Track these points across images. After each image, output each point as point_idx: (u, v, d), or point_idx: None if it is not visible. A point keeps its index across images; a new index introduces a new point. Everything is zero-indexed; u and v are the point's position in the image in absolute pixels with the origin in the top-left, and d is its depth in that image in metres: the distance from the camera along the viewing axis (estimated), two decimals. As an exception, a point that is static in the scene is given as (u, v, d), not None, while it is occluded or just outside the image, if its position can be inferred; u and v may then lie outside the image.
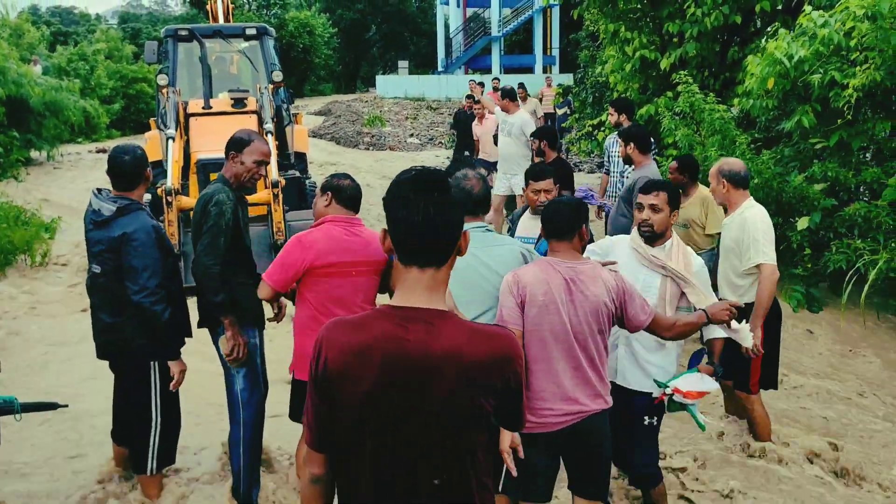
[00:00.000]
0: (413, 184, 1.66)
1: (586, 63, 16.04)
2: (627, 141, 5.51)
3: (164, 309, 3.31)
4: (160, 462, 3.54)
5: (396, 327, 1.64)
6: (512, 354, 1.68)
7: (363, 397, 1.64)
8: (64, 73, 18.24)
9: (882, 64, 6.09)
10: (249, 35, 9.09)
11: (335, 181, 3.46)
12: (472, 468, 1.69)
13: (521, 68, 33.52)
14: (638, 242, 3.44)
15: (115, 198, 3.37)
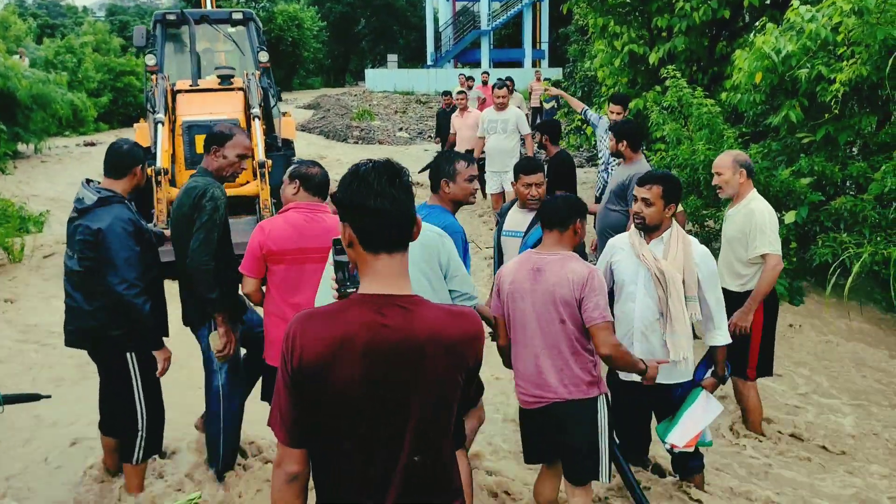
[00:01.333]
0: (377, 173, 1.72)
1: (575, 57, 16.12)
2: (620, 138, 5.54)
3: (145, 301, 3.30)
4: (147, 452, 3.55)
5: (374, 314, 1.68)
6: (480, 332, 1.81)
7: (347, 386, 1.67)
8: (51, 66, 18.08)
9: (868, 59, 6.15)
10: (236, 20, 9.28)
11: (303, 169, 3.51)
12: (447, 440, 1.80)
13: (510, 62, 33.53)
14: (634, 237, 3.48)
15: (99, 188, 3.38)
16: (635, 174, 5.16)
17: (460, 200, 3.55)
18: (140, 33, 9.32)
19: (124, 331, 3.37)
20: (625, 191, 5.20)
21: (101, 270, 3.27)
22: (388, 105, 25.95)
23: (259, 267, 3.43)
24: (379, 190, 1.70)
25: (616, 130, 5.68)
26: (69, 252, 3.40)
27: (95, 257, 3.27)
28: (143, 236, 3.40)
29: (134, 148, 3.45)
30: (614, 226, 5.28)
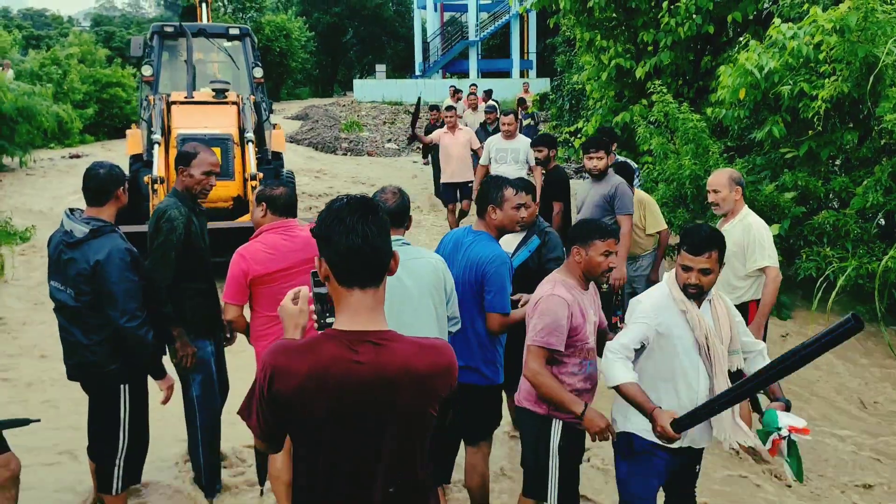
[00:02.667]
0: (349, 209, 1.75)
1: (563, 68, 16.21)
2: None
3: (147, 331, 3.32)
4: (125, 482, 3.53)
5: (346, 351, 1.71)
6: (453, 364, 1.82)
7: (318, 420, 1.72)
8: (37, 78, 17.99)
9: (849, 76, 6.25)
10: (233, 35, 9.44)
11: (268, 192, 3.59)
12: (421, 470, 1.82)
13: (498, 72, 33.68)
14: (680, 298, 2.97)
15: (87, 219, 3.32)
16: (619, 183, 5.38)
17: (506, 228, 3.51)
18: (137, 43, 9.57)
19: (120, 364, 3.37)
20: (612, 202, 5.34)
21: (100, 303, 3.25)
22: (376, 115, 25.96)
23: (243, 294, 3.46)
24: (351, 226, 1.72)
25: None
26: (59, 285, 3.34)
27: (93, 291, 3.25)
28: (140, 265, 3.39)
29: (111, 171, 3.40)
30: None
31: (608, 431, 3.00)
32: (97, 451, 3.58)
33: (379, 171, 15.51)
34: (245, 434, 4.20)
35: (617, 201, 5.32)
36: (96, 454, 3.60)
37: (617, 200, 5.32)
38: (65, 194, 11.85)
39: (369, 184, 13.61)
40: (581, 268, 3.12)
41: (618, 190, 5.34)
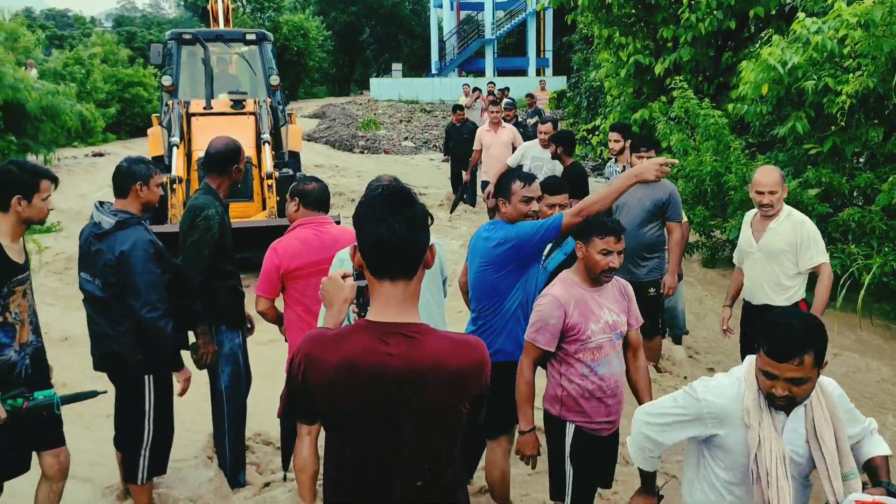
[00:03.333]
0: (381, 200, 1.72)
1: (580, 66, 16.16)
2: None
3: (167, 323, 3.35)
4: (150, 472, 3.57)
5: (378, 342, 1.70)
6: (484, 360, 1.78)
7: (347, 410, 1.72)
8: (60, 78, 18.20)
9: (875, 71, 6.17)
10: (249, 40, 9.53)
11: (301, 186, 3.67)
12: (450, 467, 1.79)
13: (514, 71, 33.64)
14: (753, 408, 2.26)
15: (114, 211, 3.39)
16: (673, 189, 5.18)
17: (516, 221, 3.43)
18: (157, 51, 9.67)
19: (145, 355, 3.41)
20: (663, 210, 5.13)
21: (124, 294, 3.30)
22: (392, 114, 26.02)
23: (276, 287, 3.56)
24: (380, 217, 1.70)
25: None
26: (87, 276, 3.41)
27: (118, 281, 3.30)
28: (164, 258, 3.44)
29: (133, 166, 3.45)
30: (650, 246, 5.19)
31: (532, 460, 3.15)
32: (123, 441, 3.62)
33: (397, 168, 15.54)
34: (267, 423, 4.32)
35: (671, 208, 5.14)
36: (122, 444, 3.65)
37: (671, 207, 5.13)
38: (89, 192, 11.99)
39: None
40: (582, 265, 3.08)
41: (672, 196, 5.16)
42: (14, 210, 3.04)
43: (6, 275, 3.01)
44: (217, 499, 3.82)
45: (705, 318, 6.96)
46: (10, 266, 3.04)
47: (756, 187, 4.20)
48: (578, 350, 3.02)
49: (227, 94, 8.70)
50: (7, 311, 3.03)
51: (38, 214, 3.11)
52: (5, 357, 3.03)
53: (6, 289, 3.02)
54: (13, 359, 3.06)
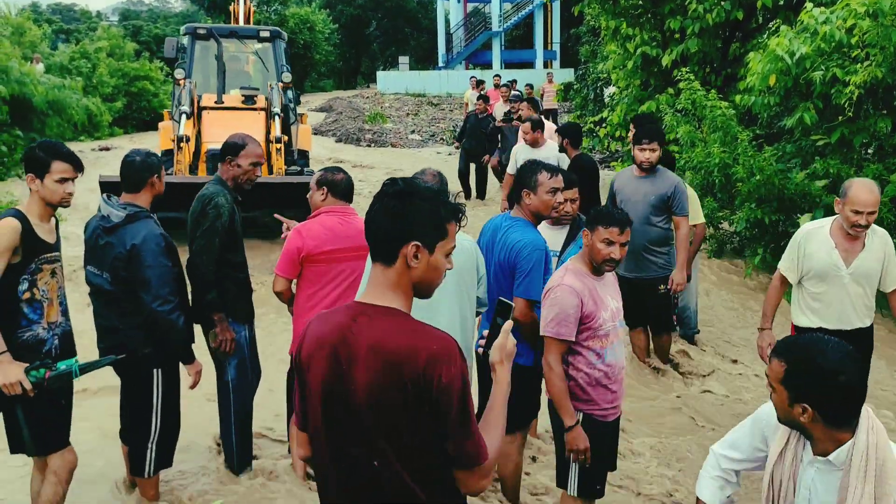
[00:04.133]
0: (385, 186, 1.82)
1: (587, 58, 16.07)
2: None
3: (179, 316, 3.36)
4: (157, 465, 3.56)
5: (348, 320, 1.77)
6: (440, 357, 1.68)
7: (316, 384, 1.79)
8: (66, 72, 18.25)
9: (883, 61, 6.11)
10: (263, 37, 9.62)
11: (329, 176, 3.73)
12: (401, 460, 1.72)
13: (521, 63, 33.52)
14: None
15: (123, 204, 3.37)
16: (678, 182, 5.06)
17: (542, 213, 3.47)
18: (171, 45, 9.75)
19: (154, 348, 3.41)
20: (668, 204, 5.03)
21: (135, 287, 3.29)
22: (399, 107, 25.98)
23: (294, 269, 3.64)
24: (372, 201, 1.81)
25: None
26: (94, 270, 3.40)
27: (129, 275, 3.30)
28: (173, 250, 3.43)
29: (147, 158, 3.45)
30: (657, 241, 5.10)
31: (585, 454, 3.02)
32: (130, 434, 3.63)
33: (404, 162, 15.53)
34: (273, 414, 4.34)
35: (676, 201, 5.01)
36: (129, 438, 3.65)
37: (676, 200, 5.01)
38: (96, 186, 12.01)
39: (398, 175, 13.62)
40: (587, 252, 3.09)
41: (677, 189, 5.02)
42: (30, 188, 3.07)
43: (34, 251, 3.03)
44: (223, 490, 3.81)
45: (712, 309, 6.93)
46: (39, 243, 3.05)
47: (854, 206, 3.54)
48: (589, 338, 3.04)
49: (239, 89, 8.79)
50: (35, 288, 3.04)
51: (50, 196, 3.06)
52: (34, 332, 3.06)
53: (34, 265, 3.03)
54: (42, 335, 3.08)
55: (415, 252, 1.75)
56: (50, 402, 3.10)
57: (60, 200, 3.10)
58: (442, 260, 1.81)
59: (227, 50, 9.45)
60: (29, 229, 3.02)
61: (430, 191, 1.81)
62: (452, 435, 1.71)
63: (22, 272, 3.01)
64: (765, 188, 6.98)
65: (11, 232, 2.96)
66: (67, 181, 3.09)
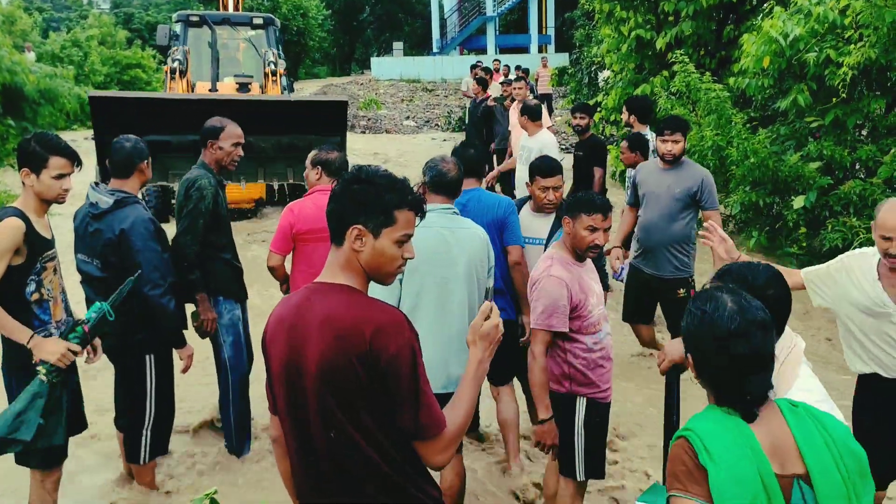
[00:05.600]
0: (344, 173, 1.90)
1: (582, 42, 16.02)
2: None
3: (170, 300, 3.35)
4: (152, 452, 3.57)
5: (305, 298, 1.83)
6: (387, 328, 1.71)
7: (277, 363, 1.84)
8: (58, 60, 18.13)
9: (877, 41, 6.11)
10: (256, 24, 9.56)
11: (324, 155, 3.79)
12: (359, 430, 1.74)
13: (516, 48, 33.35)
14: None
15: (112, 190, 3.35)
16: (705, 175, 4.71)
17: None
18: (163, 32, 9.76)
19: (147, 333, 3.40)
20: (696, 198, 4.64)
21: (125, 272, 3.24)
22: (394, 94, 25.88)
23: (287, 245, 3.73)
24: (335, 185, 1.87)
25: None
26: (85, 257, 3.39)
27: (118, 262, 3.28)
28: (162, 235, 3.43)
29: (136, 145, 3.43)
30: (680, 238, 4.70)
31: (552, 450, 3.09)
32: (125, 421, 3.63)
33: (399, 148, 15.50)
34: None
35: (705, 196, 4.61)
36: (124, 425, 3.66)
37: (705, 195, 4.62)
38: (88, 178, 11.97)
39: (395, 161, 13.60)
40: (569, 240, 3.06)
41: (705, 182, 4.63)
42: (24, 182, 2.94)
43: (36, 250, 2.94)
44: (221, 471, 3.83)
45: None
46: (40, 241, 2.94)
47: (883, 230, 2.83)
48: (582, 326, 3.04)
49: (234, 77, 8.73)
50: (42, 288, 2.97)
51: (47, 192, 2.91)
52: (48, 333, 2.98)
53: (39, 264, 2.95)
54: (54, 335, 3.00)
55: (356, 234, 1.78)
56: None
57: (57, 197, 2.95)
58: (390, 246, 1.80)
59: (220, 36, 9.39)
60: (31, 228, 2.91)
61: (384, 178, 1.82)
62: (405, 406, 1.73)
63: (28, 273, 2.92)
64: (759, 171, 6.99)
65: (14, 232, 2.85)
66: (65, 177, 2.94)
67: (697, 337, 1.56)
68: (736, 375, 1.54)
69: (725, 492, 1.44)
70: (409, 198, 1.83)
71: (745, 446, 1.49)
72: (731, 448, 1.48)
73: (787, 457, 1.54)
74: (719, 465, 1.46)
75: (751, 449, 1.49)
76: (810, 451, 1.54)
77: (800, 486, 1.53)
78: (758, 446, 1.50)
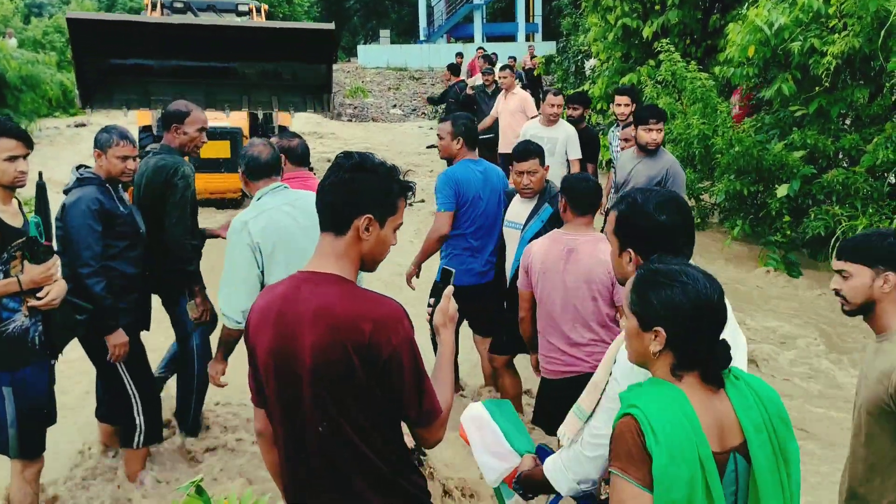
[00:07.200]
0: (336, 160, 1.84)
1: (569, 31, 16.00)
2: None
3: (97, 283, 3.22)
4: (147, 438, 3.52)
5: (292, 288, 1.79)
6: (385, 319, 1.71)
7: (264, 354, 1.80)
8: (40, 46, 17.88)
9: (861, 31, 6.15)
10: (242, 11, 9.42)
11: (286, 143, 3.71)
12: (351, 424, 1.74)
13: (503, 36, 33.25)
14: None
15: (83, 172, 3.35)
16: (672, 163, 4.73)
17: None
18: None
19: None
20: (663, 184, 4.61)
21: (66, 249, 3.22)
22: (381, 81, 25.74)
23: None
24: (327, 172, 1.82)
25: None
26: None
27: (63, 235, 3.23)
28: (115, 220, 3.32)
29: (98, 133, 3.40)
30: None
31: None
32: (111, 411, 3.60)
33: (386, 136, 15.45)
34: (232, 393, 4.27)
35: (669, 184, 4.61)
36: (110, 415, 3.63)
37: (669, 182, 4.62)
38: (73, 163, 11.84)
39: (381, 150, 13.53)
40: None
41: (670, 171, 4.67)
42: None
43: (3, 240, 2.84)
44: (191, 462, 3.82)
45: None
46: (6, 230, 2.85)
47: None
48: None
49: None
50: (8, 278, 2.87)
51: (1, 176, 2.84)
52: (17, 323, 2.91)
53: (6, 254, 2.86)
54: (25, 324, 2.93)
55: (367, 224, 1.77)
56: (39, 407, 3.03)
57: (13, 181, 2.87)
58: (390, 235, 1.84)
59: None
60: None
61: (383, 166, 1.82)
62: (410, 397, 1.75)
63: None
64: (744, 159, 7.03)
65: None
66: (17, 159, 2.86)
67: (678, 307, 1.58)
68: (711, 342, 1.60)
69: (666, 475, 1.47)
70: (404, 186, 1.85)
71: (688, 427, 1.53)
72: (675, 429, 1.51)
73: (727, 431, 1.59)
74: (663, 447, 1.49)
75: (692, 429, 1.53)
76: (749, 424, 1.60)
77: (735, 459, 1.59)
78: (699, 426, 1.54)
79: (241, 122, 7.92)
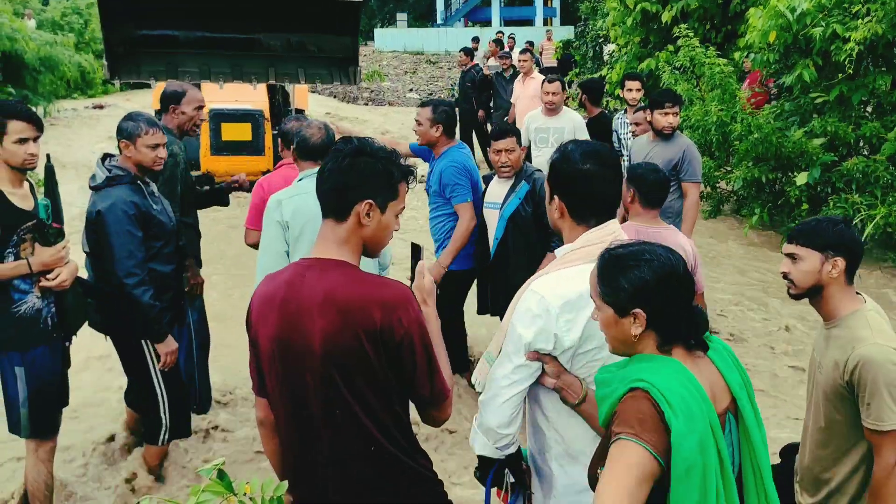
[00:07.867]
0: (335, 146, 1.85)
1: (587, 15, 15.82)
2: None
3: (144, 291, 3.13)
4: (172, 433, 3.46)
5: (297, 275, 1.78)
6: (395, 303, 1.71)
7: (269, 340, 1.79)
8: (58, 28, 17.96)
9: (884, 16, 6.04)
10: None
11: (286, 127, 3.80)
12: (364, 409, 1.74)
13: (521, 21, 33.00)
14: None
15: (111, 166, 3.23)
16: (687, 146, 4.66)
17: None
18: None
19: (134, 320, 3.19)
20: (677, 170, 4.58)
21: (103, 255, 3.14)
22: (397, 66, 25.66)
23: (261, 220, 3.58)
24: (327, 158, 1.82)
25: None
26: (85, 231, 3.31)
27: (97, 241, 3.14)
28: (153, 222, 3.23)
29: (122, 122, 3.27)
30: (665, 213, 4.47)
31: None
32: (138, 402, 3.58)
33: (402, 119, 15.41)
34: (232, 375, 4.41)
35: (686, 166, 4.56)
36: (138, 406, 3.62)
37: (686, 165, 4.56)
38: (90, 146, 11.93)
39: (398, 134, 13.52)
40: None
41: (686, 153, 4.59)
42: None
43: (14, 223, 2.81)
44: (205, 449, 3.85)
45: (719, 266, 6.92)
46: (16, 213, 2.83)
47: None
48: None
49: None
50: (19, 260, 2.85)
51: (11, 158, 2.82)
52: (29, 304, 2.90)
53: (16, 237, 2.84)
54: (38, 305, 2.91)
55: (367, 209, 1.76)
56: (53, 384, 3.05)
57: (23, 163, 2.85)
58: (392, 220, 1.83)
59: None
60: (3, 199, 2.81)
61: (383, 151, 1.82)
62: (423, 377, 1.76)
63: (6, 246, 2.83)
64: (762, 146, 6.95)
65: None
66: (28, 141, 2.83)
67: (650, 284, 1.60)
68: (688, 310, 1.65)
69: (683, 442, 1.48)
70: (404, 170, 1.85)
71: (696, 395, 1.55)
72: (687, 400, 1.53)
73: (719, 394, 1.64)
74: (681, 418, 1.50)
75: (700, 397, 1.55)
76: (735, 384, 1.67)
77: (729, 420, 1.66)
78: (702, 390, 1.57)
79: (263, 104, 7.91)
